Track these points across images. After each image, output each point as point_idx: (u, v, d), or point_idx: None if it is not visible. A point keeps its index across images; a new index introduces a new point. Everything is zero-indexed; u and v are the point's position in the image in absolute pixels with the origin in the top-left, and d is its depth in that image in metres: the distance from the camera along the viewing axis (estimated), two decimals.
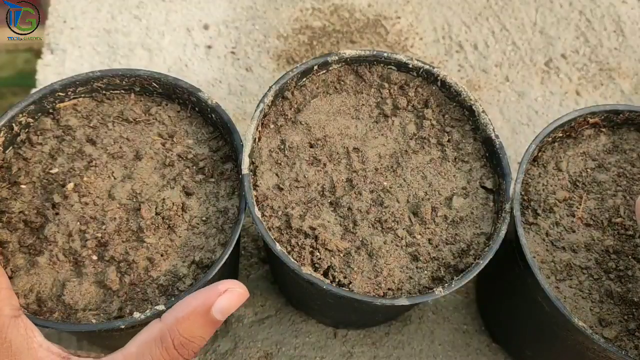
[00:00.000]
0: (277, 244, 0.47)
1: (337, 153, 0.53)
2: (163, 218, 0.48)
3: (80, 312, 0.45)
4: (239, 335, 0.64)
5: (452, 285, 0.47)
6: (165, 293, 0.46)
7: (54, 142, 0.51)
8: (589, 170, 0.55)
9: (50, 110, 0.53)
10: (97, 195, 0.49)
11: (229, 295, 0.40)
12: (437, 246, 0.50)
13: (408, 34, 0.85)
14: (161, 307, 0.44)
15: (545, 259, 0.51)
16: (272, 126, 0.53)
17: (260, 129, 0.53)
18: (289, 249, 0.48)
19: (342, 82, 0.56)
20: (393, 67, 0.56)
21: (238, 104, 0.78)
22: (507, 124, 0.79)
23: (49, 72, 0.78)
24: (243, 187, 0.48)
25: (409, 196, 0.51)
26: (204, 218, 0.50)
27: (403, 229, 0.50)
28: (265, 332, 0.64)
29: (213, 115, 0.53)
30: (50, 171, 0.50)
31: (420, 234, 0.50)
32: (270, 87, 0.52)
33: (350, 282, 0.48)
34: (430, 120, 0.55)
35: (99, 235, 0.47)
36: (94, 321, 0.45)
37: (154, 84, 0.53)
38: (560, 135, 0.56)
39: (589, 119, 0.56)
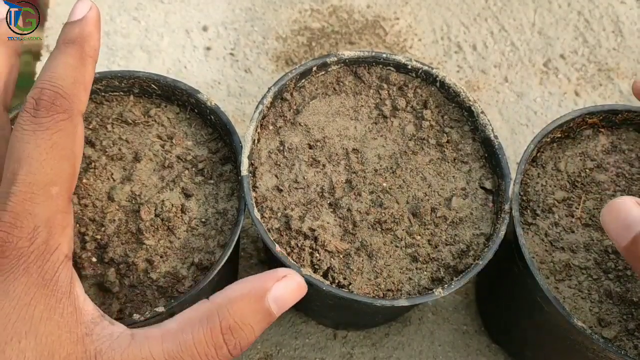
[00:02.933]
0: (277, 245, 0.47)
1: (337, 154, 0.53)
2: (162, 220, 0.48)
3: None
4: None
5: (452, 286, 0.47)
6: (165, 295, 0.46)
7: None
8: (587, 170, 0.55)
9: None
10: (96, 197, 0.49)
11: (287, 284, 0.37)
12: (436, 247, 0.50)
13: (407, 35, 0.86)
14: (160, 309, 0.44)
15: (544, 259, 0.51)
16: (271, 127, 0.53)
17: (259, 130, 0.53)
18: (289, 250, 0.48)
19: (341, 83, 0.56)
20: (392, 68, 0.57)
21: (237, 106, 0.78)
22: (506, 125, 0.80)
23: None
24: (242, 188, 0.48)
25: (409, 197, 0.51)
26: (203, 219, 0.50)
27: (402, 229, 0.50)
28: (264, 334, 0.64)
29: (212, 117, 0.53)
30: None
31: (419, 235, 0.50)
32: (269, 89, 0.52)
33: (350, 283, 0.48)
34: (430, 121, 0.55)
35: (98, 237, 0.47)
36: None
37: (153, 86, 0.53)
38: (559, 135, 0.56)
39: (587, 119, 0.56)
